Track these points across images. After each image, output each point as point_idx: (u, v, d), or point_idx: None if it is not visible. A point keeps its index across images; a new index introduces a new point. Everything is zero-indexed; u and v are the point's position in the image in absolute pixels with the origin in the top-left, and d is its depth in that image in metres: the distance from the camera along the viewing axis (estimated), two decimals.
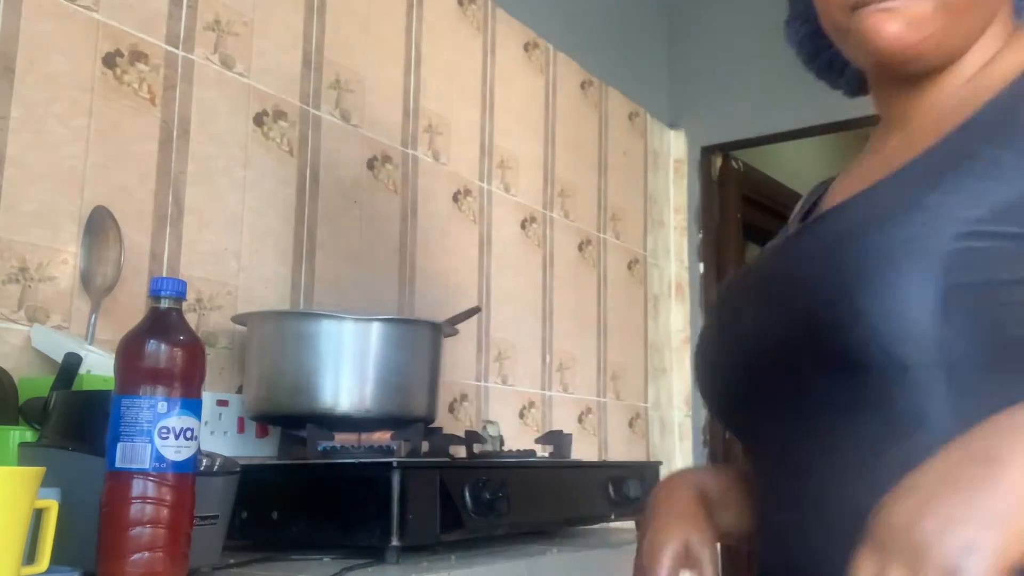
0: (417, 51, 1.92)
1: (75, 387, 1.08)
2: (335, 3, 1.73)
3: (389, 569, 1.03)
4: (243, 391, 1.41)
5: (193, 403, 0.84)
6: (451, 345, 1.71)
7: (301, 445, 1.34)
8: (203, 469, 0.92)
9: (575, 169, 2.42)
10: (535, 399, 2.18)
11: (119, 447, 0.81)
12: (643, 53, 2.86)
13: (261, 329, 1.40)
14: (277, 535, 1.13)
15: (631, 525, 1.60)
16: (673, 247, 2.87)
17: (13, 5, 1.24)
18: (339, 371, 1.33)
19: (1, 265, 1.19)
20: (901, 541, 0.49)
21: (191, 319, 1.38)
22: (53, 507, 0.79)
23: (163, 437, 0.82)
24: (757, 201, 3.14)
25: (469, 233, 2.03)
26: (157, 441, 0.81)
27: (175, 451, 0.82)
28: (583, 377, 2.37)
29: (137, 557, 0.80)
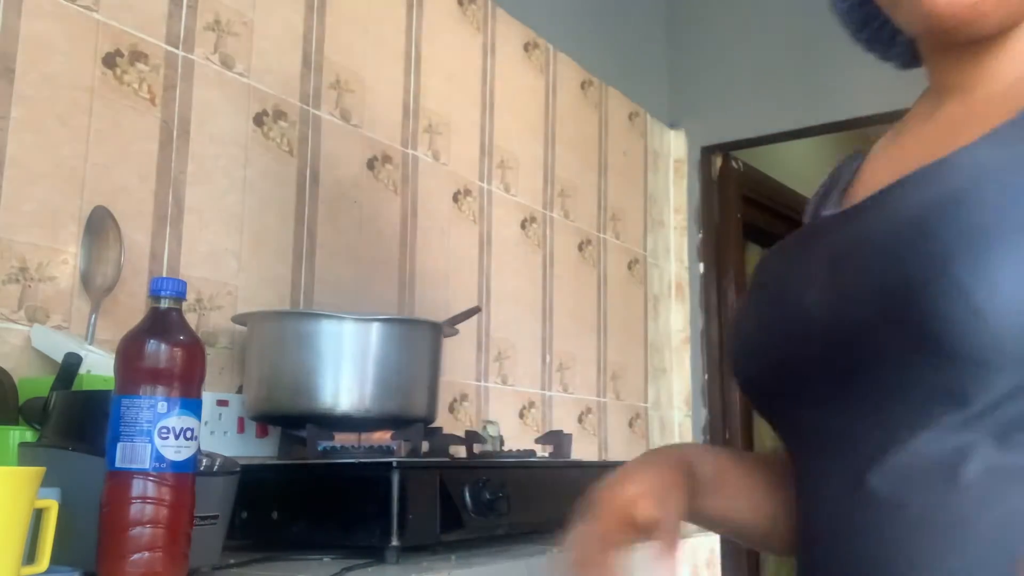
0: (417, 51, 1.92)
1: (75, 387, 1.08)
2: (335, 3, 1.73)
3: (389, 569, 1.02)
4: (243, 391, 1.41)
5: (193, 403, 0.84)
6: (451, 345, 1.71)
7: (301, 445, 1.34)
8: (203, 469, 0.92)
9: (575, 169, 2.42)
10: (535, 399, 2.18)
11: (119, 447, 0.82)
12: (643, 53, 2.86)
13: (261, 329, 1.40)
14: (277, 535, 1.13)
15: None
16: (673, 247, 2.87)
17: (13, 5, 1.24)
18: (339, 371, 1.33)
19: (1, 265, 1.19)
20: None
21: (191, 319, 1.38)
22: (53, 507, 0.79)
23: (163, 437, 0.82)
24: (757, 201, 3.14)
25: (469, 233, 2.03)
26: (157, 441, 0.81)
27: (175, 451, 0.82)
28: (583, 377, 2.37)
29: (137, 557, 0.80)
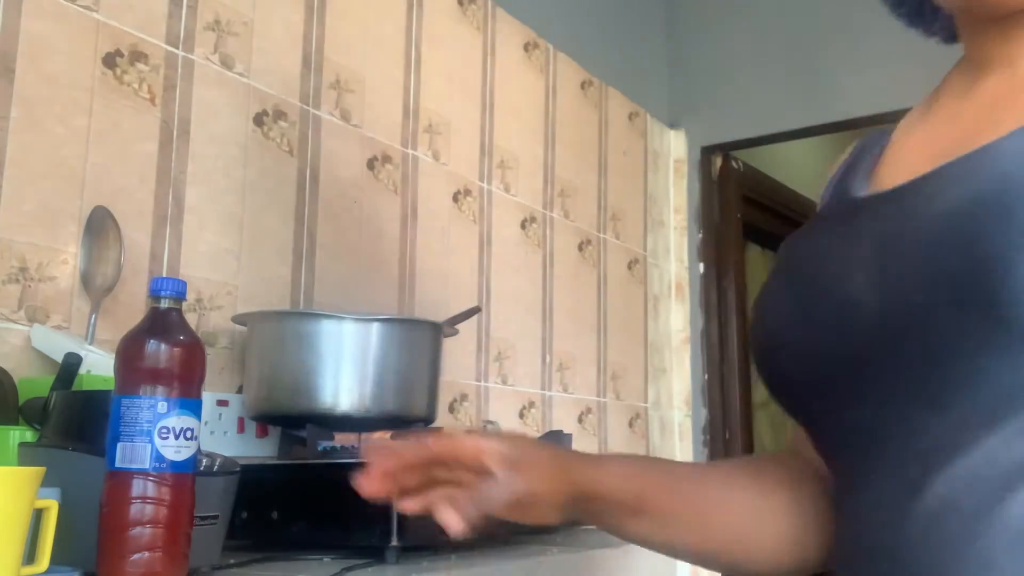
0: (417, 51, 1.92)
1: (75, 387, 1.08)
2: (335, 3, 1.73)
3: (389, 569, 1.02)
4: (243, 391, 1.41)
5: (193, 403, 0.84)
6: (451, 345, 1.71)
7: (301, 445, 1.34)
8: (203, 469, 0.92)
9: (575, 169, 2.42)
10: (535, 399, 2.18)
11: (119, 447, 0.82)
12: (643, 53, 2.86)
13: (261, 329, 1.40)
14: (277, 535, 1.13)
15: None
16: (673, 247, 2.87)
17: (13, 5, 1.24)
18: (339, 371, 1.33)
19: (1, 265, 1.19)
20: None
21: (191, 319, 1.38)
22: (53, 507, 0.79)
23: (163, 437, 0.82)
24: (757, 201, 3.14)
25: (469, 233, 2.03)
26: (157, 441, 0.81)
27: (175, 451, 0.82)
28: (583, 377, 2.37)
29: (137, 557, 0.80)
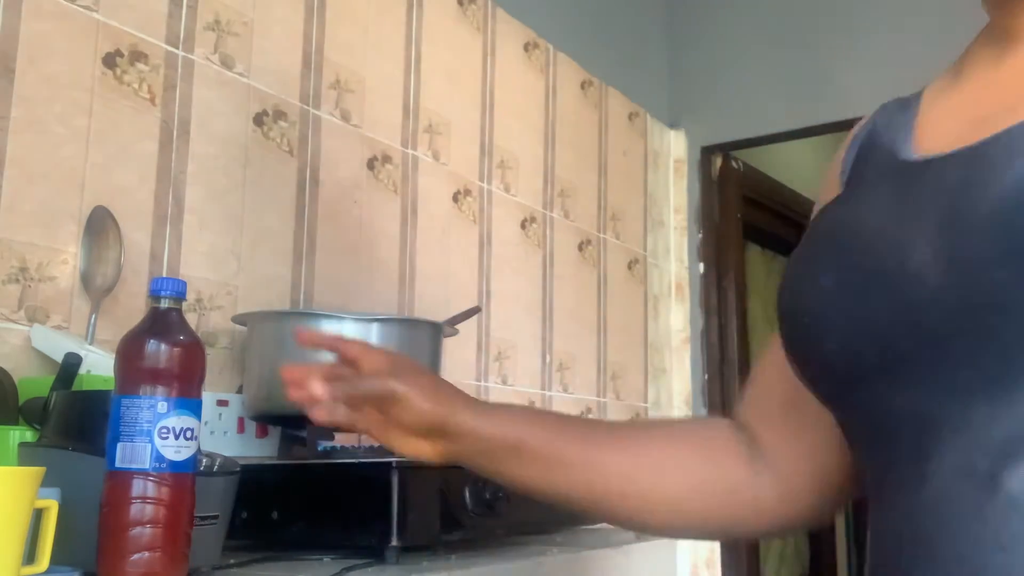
0: (417, 51, 1.92)
1: (75, 387, 1.08)
2: (335, 3, 1.73)
3: (389, 569, 1.03)
4: (243, 391, 1.41)
5: (193, 403, 0.84)
6: (451, 345, 1.71)
7: (301, 445, 1.34)
8: (203, 469, 0.92)
9: (575, 169, 2.42)
10: (535, 399, 2.18)
11: (119, 447, 0.82)
12: (643, 53, 2.86)
13: (261, 329, 1.39)
14: (277, 535, 1.13)
15: None
16: (673, 247, 2.87)
17: (13, 5, 1.24)
18: None
19: (1, 265, 1.19)
20: None
21: (191, 319, 1.38)
22: (53, 507, 0.79)
23: (163, 437, 0.82)
24: (757, 201, 3.14)
25: (469, 233, 2.03)
26: (157, 441, 0.81)
27: (175, 451, 0.82)
28: (583, 377, 2.37)
29: (137, 557, 0.80)
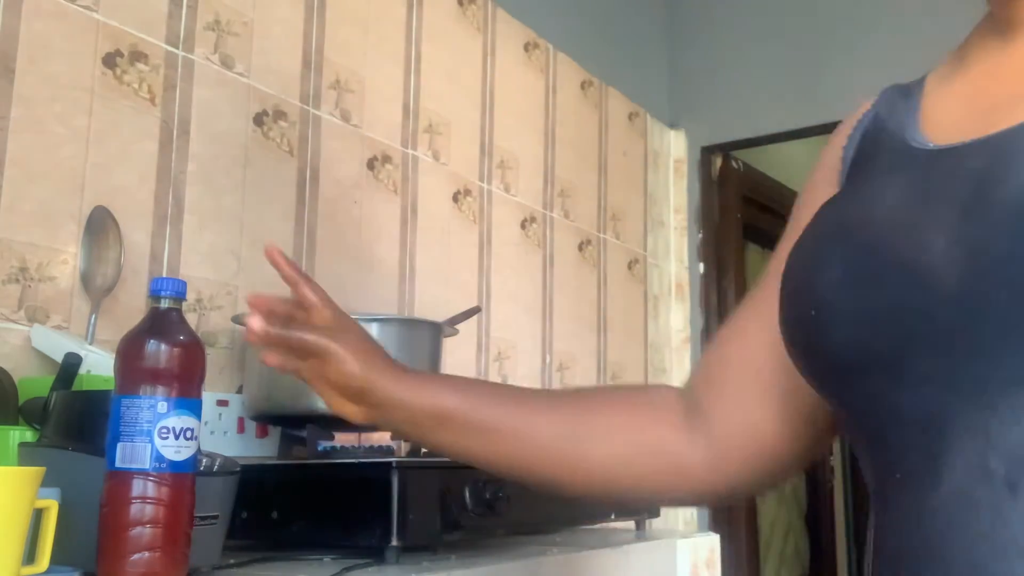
0: (417, 51, 1.92)
1: (75, 387, 1.08)
2: (335, 3, 1.73)
3: (389, 569, 1.02)
4: (243, 391, 1.41)
5: (193, 403, 0.84)
6: (451, 345, 1.71)
7: (301, 445, 1.34)
8: (203, 469, 0.92)
9: (575, 169, 2.42)
10: None
11: (119, 447, 0.81)
12: (643, 53, 2.86)
13: None
14: (277, 535, 1.13)
15: (631, 525, 1.60)
16: (673, 247, 2.87)
17: (13, 5, 1.24)
18: None
19: (1, 265, 1.19)
20: None
21: (191, 319, 1.38)
22: (53, 507, 0.79)
23: (163, 437, 0.82)
24: (757, 201, 3.14)
25: (469, 233, 2.03)
26: (157, 441, 0.81)
27: (175, 451, 0.82)
28: (583, 377, 2.37)
29: (137, 557, 0.80)
